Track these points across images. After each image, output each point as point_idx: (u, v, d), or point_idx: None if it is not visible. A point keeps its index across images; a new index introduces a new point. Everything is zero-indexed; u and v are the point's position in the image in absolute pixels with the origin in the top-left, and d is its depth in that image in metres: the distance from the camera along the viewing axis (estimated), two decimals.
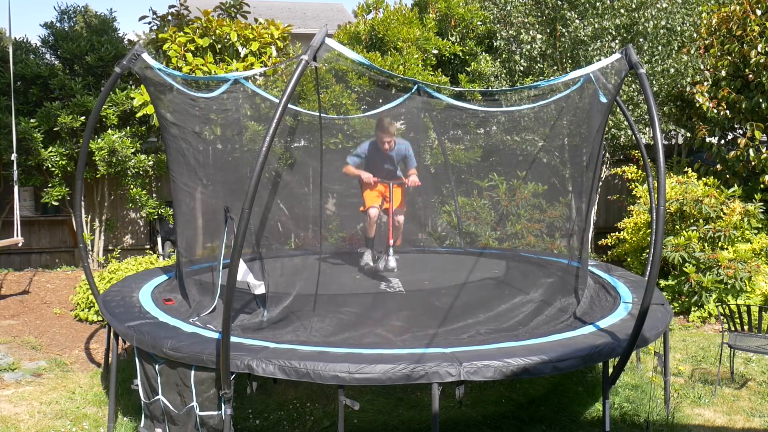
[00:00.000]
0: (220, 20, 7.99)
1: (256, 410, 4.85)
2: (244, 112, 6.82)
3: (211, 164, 5.95)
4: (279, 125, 3.44)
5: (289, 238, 7.42)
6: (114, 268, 7.51)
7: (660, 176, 3.70)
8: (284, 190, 6.53)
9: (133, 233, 10.47)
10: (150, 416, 4.25)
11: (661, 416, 4.73)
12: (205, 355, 3.80)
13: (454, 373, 3.56)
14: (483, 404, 5.00)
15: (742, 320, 5.59)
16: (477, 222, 8.49)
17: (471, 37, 9.91)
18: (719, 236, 7.63)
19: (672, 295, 7.72)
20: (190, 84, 5.78)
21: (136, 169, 9.08)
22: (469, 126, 8.11)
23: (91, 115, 5.34)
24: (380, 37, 9.31)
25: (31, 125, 8.69)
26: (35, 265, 9.92)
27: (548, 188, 8.12)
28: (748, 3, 8.50)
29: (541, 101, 6.66)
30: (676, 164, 9.67)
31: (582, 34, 8.46)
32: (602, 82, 4.86)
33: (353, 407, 3.64)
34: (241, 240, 3.46)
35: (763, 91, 8.31)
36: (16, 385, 5.47)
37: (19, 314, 7.52)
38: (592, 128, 5.35)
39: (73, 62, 9.47)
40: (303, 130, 7.35)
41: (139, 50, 4.91)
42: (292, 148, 7.19)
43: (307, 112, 7.42)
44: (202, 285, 5.15)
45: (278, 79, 7.96)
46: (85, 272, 5.72)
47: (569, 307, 4.97)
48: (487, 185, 8.66)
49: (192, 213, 5.57)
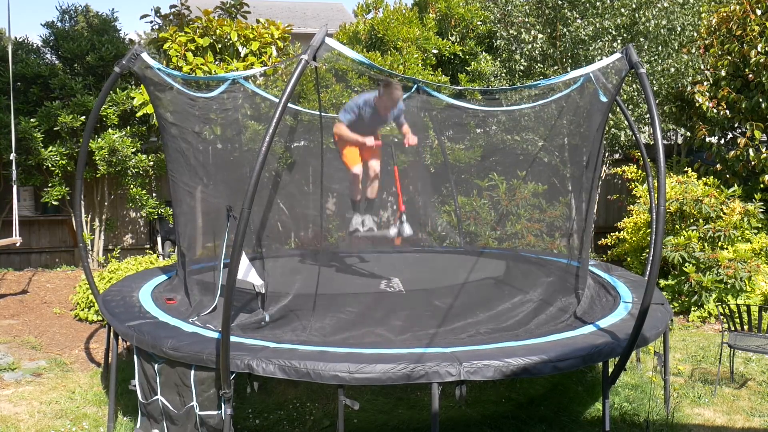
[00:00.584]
0: (221, 20, 8.00)
1: (256, 410, 4.86)
2: (244, 112, 6.82)
3: (211, 164, 5.95)
4: (279, 125, 3.45)
5: (289, 238, 7.42)
6: (114, 267, 7.51)
7: (660, 176, 3.70)
8: (284, 190, 6.52)
9: (133, 233, 10.47)
10: (147, 416, 4.25)
11: (661, 416, 4.73)
12: (205, 355, 3.81)
13: (454, 372, 3.56)
14: (483, 404, 5.00)
15: (741, 320, 5.59)
16: (477, 222, 8.49)
17: (471, 37, 9.91)
18: (719, 236, 7.63)
19: (672, 295, 7.72)
20: (190, 84, 5.79)
21: (137, 168, 9.08)
22: (468, 125, 8.11)
23: (91, 114, 5.34)
24: (380, 37, 9.31)
25: (31, 125, 8.69)
26: (35, 264, 9.92)
27: (548, 188, 8.11)
28: (748, 3, 8.49)
29: (541, 101, 6.66)
30: (676, 164, 9.67)
31: (583, 33, 8.46)
32: (602, 81, 4.85)
33: (353, 407, 3.65)
34: (241, 240, 3.47)
35: (763, 90, 8.31)
36: (16, 385, 5.47)
37: (19, 314, 7.52)
38: (592, 127, 5.35)
39: (73, 62, 9.47)
40: (303, 129, 7.34)
41: (139, 50, 4.91)
42: (292, 148, 7.19)
43: (307, 111, 7.42)
44: (203, 284, 5.15)
45: (278, 79, 7.96)
46: (85, 272, 5.72)
47: (569, 307, 4.97)
48: (487, 185, 8.66)
49: (192, 212, 5.57)
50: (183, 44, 7.66)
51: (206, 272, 5.38)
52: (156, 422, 4.17)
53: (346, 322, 4.68)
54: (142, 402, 4.26)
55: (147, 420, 4.24)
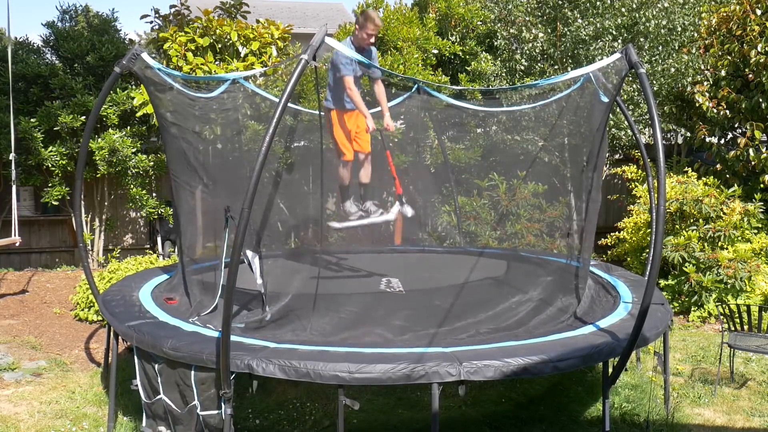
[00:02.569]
0: (221, 20, 8.00)
1: (256, 410, 4.86)
2: (244, 112, 6.82)
3: (211, 164, 5.96)
4: (279, 124, 3.45)
5: (289, 238, 7.42)
6: (114, 267, 7.51)
7: (660, 176, 3.69)
8: (284, 190, 6.52)
9: (133, 233, 10.47)
10: (152, 416, 4.25)
11: (660, 416, 4.73)
12: (205, 355, 3.80)
13: (454, 372, 3.56)
14: (483, 404, 5.00)
15: (741, 320, 5.59)
16: (477, 222, 8.49)
17: (471, 37, 9.91)
18: (719, 236, 7.63)
19: (672, 295, 7.72)
20: (190, 84, 5.78)
21: (137, 168, 9.08)
22: (469, 125, 8.11)
23: (91, 114, 5.34)
24: (380, 37, 9.31)
25: (31, 125, 8.69)
26: (35, 264, 9.92)
27: (548, 188, 8.11)
28: (748, 3, 8.49)
29: (541, 101, 6.66)
30: (676, 164, 9.67)
31: (583, 33, 8.46)
32: (602, 81, 4.85)
33: (353, 407, 3.64)
34: (241, 239, 3.47)
35: (763, 90, 8.30)
36: (16, 385, 5.47)
37: (19, 314, 7.52)
38: (593, 127, 5.35)
39: (73, 62, 9.47)
40: (303, 129, 7.35)
41: (139, 50, 4.91)
42: (292, 148, 7.19)
43: (307, 111, 7.42)
44: (203, 284, 5.15)
45: (278, 79, 7.96)
46: (85, 272, 5.72)
47: (569, 307, 4.97)
48: (487, 185, 8.66)
49: (192, 212, 5.57)
50: (183, 44, 7.66)
51: (206, 272, 5.38)
52: (161, 421, 4.17)
53: (346, 321, 4.68)
54: (145, 402, 4.25)
55: (152, 420, 4.24)
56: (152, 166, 9.25)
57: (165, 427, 4.13)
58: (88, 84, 9.22)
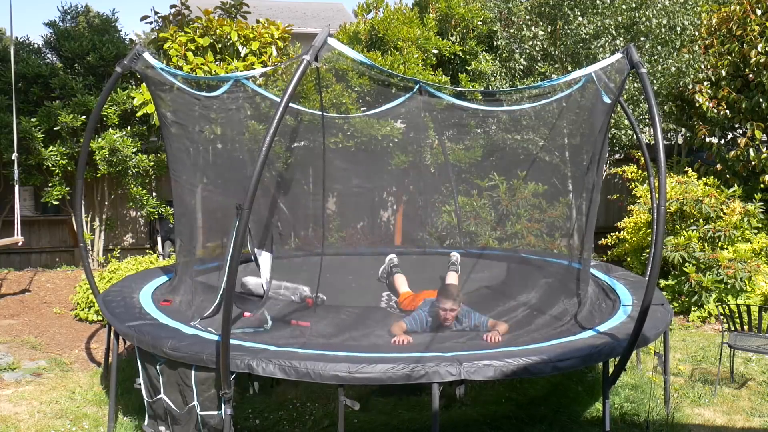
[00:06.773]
0: (221, 20, 8.00)
1: (256, 410, 4.85)
2: (245, 112, 6.82)
3: (211, 163, 5.96)
4: (280, 125, 3.44)
5: (290, 238, 7.42)
6: (114, 267, 7.50)
7: (660, 176, 3.69)
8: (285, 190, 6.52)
9: (133, 233, 10.47)
10: (153, 415, 4.25)
11: (661, 416, 4.73)
12: (205, 355, 3.80)
13: (454, 372, 3.55)
14: (483, 404, 5.00)
15: (742, 320, 5.59)
16: (477, 222, 8.49)
17: (471, 37, 9.90)
18: (719, 236, 7.63)
19: (672, 295, 7.72)
20: (191, 83, 5.79)
21: (137, 168, 9.08)
22: (469, 125, 8.10)
23: (92, 114, 5.34)
24: (380, 37, 9.31)
25: (31, 124, 8.69)
26: (35, 264, 9.92)
27: (548, 188, 8.11)
28: (748, 3, 8.49)
29: (542, 100, 6.66)
30: (676, 164, 9.67)
31: (584, 32, 8.46)
32: (604, 81, 4.84)
33: (353, 407, 3.64)
34: (241, 239, 3.47)
35: (763, 90, 8.30)
36: (16, 385, 5.47)
37: (19, 314, 7.52)
38: (594, 128, 5.34)
39: (74, 62, 9.47)
40: (304, 129, 7.35)
41: (141, 50, 4.91)
42: (293, 148, 7.19)
43: (308, 111, 7.42)
44: (205, 286, 5.13)
45: (279, 79, 7.96)
46: (85, 272, 5.72)
47: (570, 308, 4.97)
48: (488, 185, 8.65)
49: (194, 211, 5.57)
50: (183, 44, 7.66)
51: (209, 273, 5.38)
52: (161, 420, 4.17)
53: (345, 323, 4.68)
54: (147, 401, 4.25)
55: (153, 420, 4.24)
56: (152, 165, 9.25)
57: (165, 427, 4.13)
58: (89, 84, 9.22)
